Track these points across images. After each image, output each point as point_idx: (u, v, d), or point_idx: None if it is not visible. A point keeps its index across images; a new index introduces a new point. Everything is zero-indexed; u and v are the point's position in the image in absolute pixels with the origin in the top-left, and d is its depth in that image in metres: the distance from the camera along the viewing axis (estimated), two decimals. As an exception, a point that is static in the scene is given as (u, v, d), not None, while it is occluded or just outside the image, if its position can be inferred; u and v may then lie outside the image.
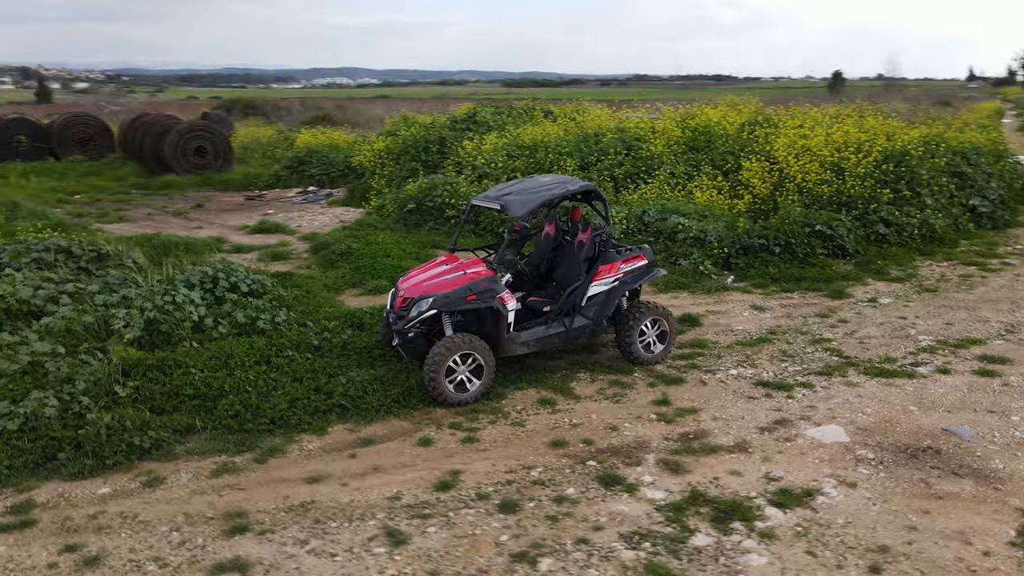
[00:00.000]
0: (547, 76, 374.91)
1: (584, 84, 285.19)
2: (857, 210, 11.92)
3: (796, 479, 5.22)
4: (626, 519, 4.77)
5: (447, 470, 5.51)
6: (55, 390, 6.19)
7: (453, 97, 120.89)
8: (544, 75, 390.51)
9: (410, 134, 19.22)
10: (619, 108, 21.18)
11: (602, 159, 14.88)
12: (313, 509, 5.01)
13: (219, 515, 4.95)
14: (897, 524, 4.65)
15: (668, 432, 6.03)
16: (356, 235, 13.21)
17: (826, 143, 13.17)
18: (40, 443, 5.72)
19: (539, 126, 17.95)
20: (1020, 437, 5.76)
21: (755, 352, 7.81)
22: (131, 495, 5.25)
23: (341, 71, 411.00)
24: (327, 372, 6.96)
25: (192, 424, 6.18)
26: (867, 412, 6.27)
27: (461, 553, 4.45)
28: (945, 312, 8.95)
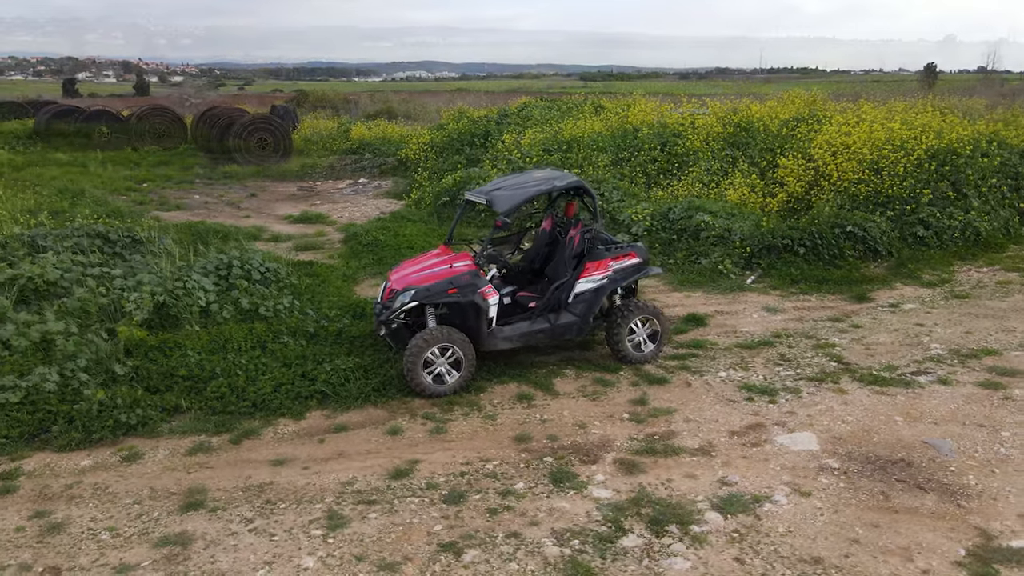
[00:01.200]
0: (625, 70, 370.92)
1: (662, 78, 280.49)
2: (895, 211, 11.40)
3: (749, 485, 5.10)
4: (563, 516, 4.78)
5: (407, 459, 5.63)
6: (59, 366, 6.61)
7: (528, 91, 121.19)
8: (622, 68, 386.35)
9: (456, 127, 19.43)
10: (664, 102, 20.76)
11: (636, 154, 14.69)
12: (268, 490, 5.21)
13: (181, 491, 5.21)
14: (840, 536, 4.50)
15: (635, 432, 5.97)
16: (387, 227, 13.49)
17: (867, 140, 12.64)
18: (37, 416, 6.13)
19: (581, 120, 17.85)
20: (1004, 454, 5.45)
21: (752, 355, 7.62)
22: (108, 469, 5.58)
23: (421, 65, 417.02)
24: (315, 359, 7.18)
25: (180, 404, 6.50)
26: (847, 421, 6.05)
27: (391, 540, 4.56)
28: (969, 320, 8.50)
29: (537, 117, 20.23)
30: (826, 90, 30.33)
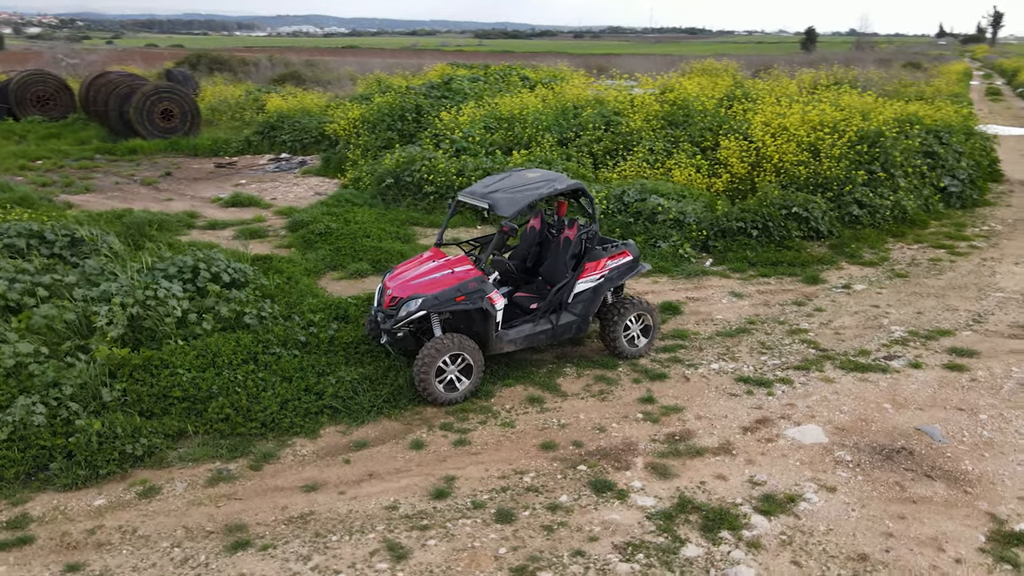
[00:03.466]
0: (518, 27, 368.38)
1: (557, 36, 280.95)
2: (832, 192, 12.11)
3: (779, 483, 5.44)
4: (619, 529, 4.95)
5: (442, 476, 5.63)
6: (41, 395, 6.14)
7: (424, 49, 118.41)
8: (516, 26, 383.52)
9: (385, 101, 18.91)
10: (596, 77, 20.97)
11: (581, 134, 14.82)
12: (312, 521, 5.10)
13: (219, 528, 5.03)
14: (875, 531, 4.89)
15: (654, 433, 6.20)
16: (334, 212, 13.08)
17: (802, 122, 13.28)
18: (31, 453, 5.71)
19: (517, 96, 17.75)
20: (987, 436, 6.04)
21: (735, 344, 8.00)
22: (127, 507, 5.29)
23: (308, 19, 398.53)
24: (316, 371, 6.98)
25: (183, 428, 6.20)
26: (844, 410, 6.51)
27: (461, 568, 4.59)
28: (916, 300, 9.23)
29: (467, 90, 19.93)
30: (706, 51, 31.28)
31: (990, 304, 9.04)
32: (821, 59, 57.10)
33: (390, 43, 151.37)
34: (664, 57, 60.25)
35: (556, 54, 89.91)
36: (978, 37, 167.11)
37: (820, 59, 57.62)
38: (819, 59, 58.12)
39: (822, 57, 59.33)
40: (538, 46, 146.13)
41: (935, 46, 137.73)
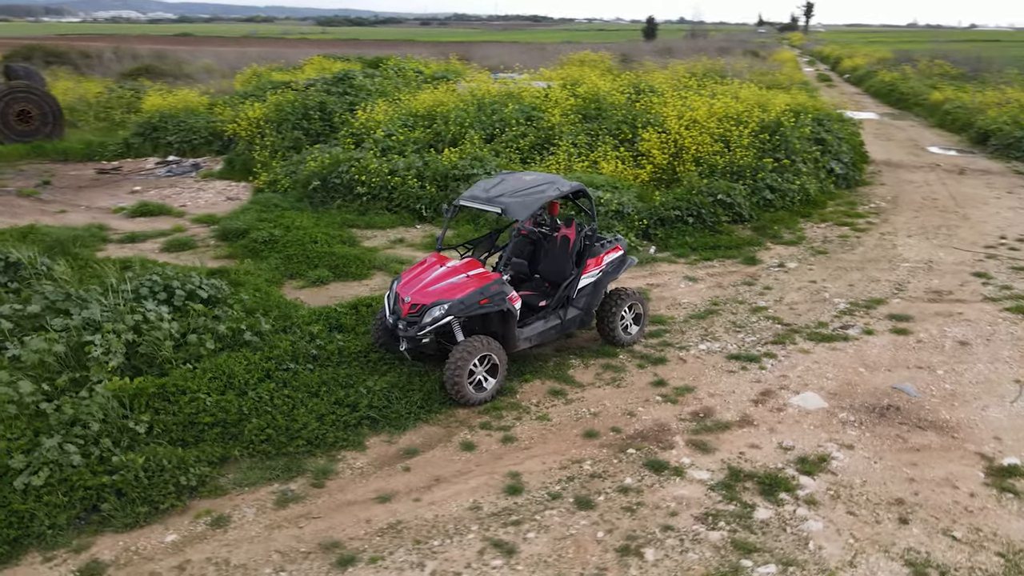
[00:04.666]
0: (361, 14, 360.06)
1: (403, 23, 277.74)
2: (746, 178, 13.25)
3: (805, 447, 6.17)
4: (691, 502, 5.46)
5: (505, 473, 5.90)
6: (62, 434, 5.79)
7: (264, 37, 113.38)
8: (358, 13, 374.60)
9: (287, 99, 18.32)
10: (489, 71, 21.34)
11: (504, 131, 15.18)
12: (404, 530, 5.23)
13: (314, 548, 5.05)
14: (899, 478, 5.72)
15: (679, 412, 6.77)
16: (267, 218, 12.69)
17: (710, 115, 14.37)
18: (77, 495, 5.40)
19: (429, 93, 17.78)
20: (950, 389, 7.11)
21: (710, 325, 8.75)
22: (205, 539, 5.17)
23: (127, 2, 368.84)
24: (338, 383, 6.97)
25: (226, 454, 6.06)
26: (829, 377, 7.39)
27: (572, 555, 4.92)
28: (843, 274, 10.43)
29: (368, 86, 19.66)
30: (553, 38, 32.65)
31: (903, 273, 10.39)
32: (665, 48, 60.68)
33: (227, 31, 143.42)
34: (519, 45, 61.61)
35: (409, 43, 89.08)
36: (792, 26, 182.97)
37: (664, 48, 61.21)
38: (663, 48, 61.75)
39: (666, 46, 62.94)
40: (386, 34, 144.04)
41: (756, 34, 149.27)
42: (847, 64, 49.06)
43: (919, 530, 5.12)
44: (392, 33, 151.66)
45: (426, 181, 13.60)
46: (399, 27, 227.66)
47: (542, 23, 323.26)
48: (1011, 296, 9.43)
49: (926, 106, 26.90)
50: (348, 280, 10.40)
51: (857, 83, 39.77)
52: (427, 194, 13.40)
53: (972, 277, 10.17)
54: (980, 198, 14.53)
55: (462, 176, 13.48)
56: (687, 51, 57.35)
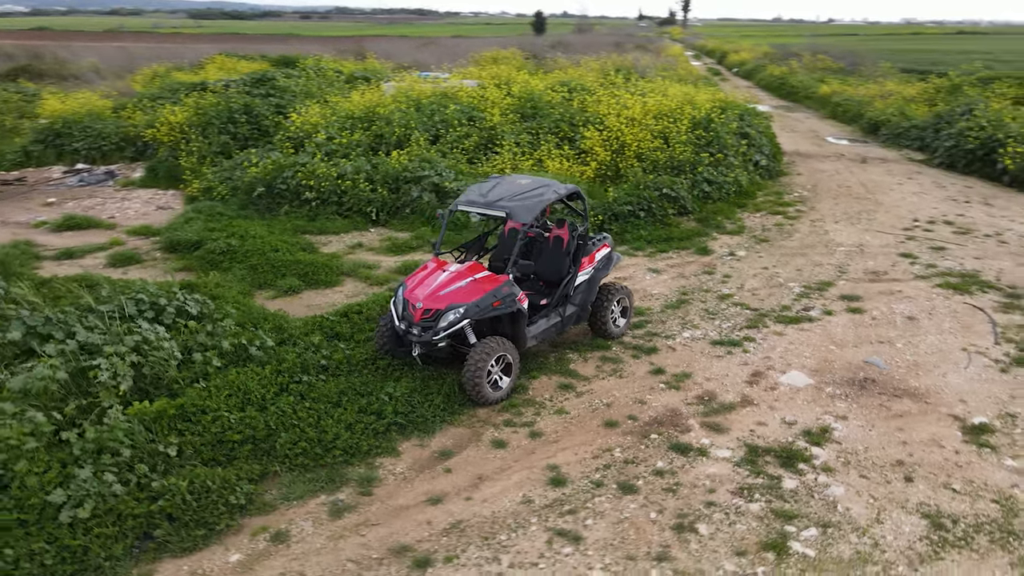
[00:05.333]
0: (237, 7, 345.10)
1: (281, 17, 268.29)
2: (686, 173, 14.00)
3: (805, 421, 6.79)
4: (723, 479, 5.94)
5: (544, 466, 6.18)
6: (93, 464, 5.62)
7: (132, 30, 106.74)
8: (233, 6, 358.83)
9: (209, 103, 17.68)
10: (417, 70, 21.32)
11: (448, 132, 15.31)
12: (467, 528, 5.43)
13: (386, 554, 5.17)
14: (894, 442, 6.42)
15: (684, 398, 7.26)
16: (217, 228, 12.34)
17: (645, 112, 15.06)
18: (126, 524, 5.28)
19: (361, 95, 17.61)
20: (912, 360, 7.95)
21: (685, 314, 9.32)
22: (271, 555, 5.19)
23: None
24: (357, 392, 7.02)
25: (265, 470, 6.04)
26: (807, 356, 8.09)
27: (634, 536, 5.28)
28: (789, 259, 11.29)
29: (293, 88, 19.23)
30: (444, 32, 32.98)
31: (840, 257, 11.37)
32: (559, 42, 61.89)
33: (89, 24, 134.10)
34: (413, 40, 61.21)
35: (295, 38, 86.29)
36: (671, 20, 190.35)
37: (558, 42, 62.40)
38: (557, 42, 62.92)
39: (560, 40, 64.20)
40: (266, 28, 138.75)
41: (638, 28, 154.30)
42: (734, 59, 51.83)
43: (924, 486, 5.80)
44: (273, 27, 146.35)
45: (376, 184, 13.58)
46: (278, 21, 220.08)
47: (428, 17, 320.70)
48: (937, 274, 10.53)
49: (815, 99, 28.95)
50: (320, 288, 10.33)
51: (747, 77, 42.12)
52: (379, 197, 13.38)
53: (900, 258, 11.27)
54: (886, 185, 15.96)
55: (413, 178, 13.54)
56: (582, 46, 58.62)
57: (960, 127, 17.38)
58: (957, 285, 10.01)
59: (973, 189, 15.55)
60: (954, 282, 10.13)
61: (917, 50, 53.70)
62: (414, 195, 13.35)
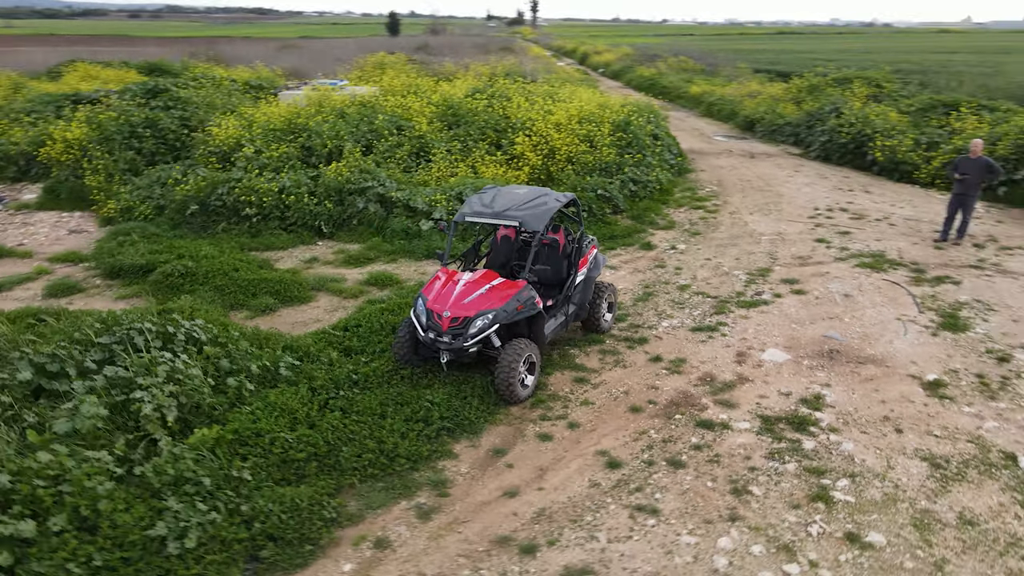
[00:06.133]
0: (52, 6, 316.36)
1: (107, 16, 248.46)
2: (613, 174, 14.98)
3: (798, 390, 7.78)
4: (753, 446, 6.77)
5: (593, 453, 6.76)
6: (176, 496, 5.61)
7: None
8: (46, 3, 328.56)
9: (108, 118, 16.71)
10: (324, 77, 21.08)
11: (380, 142, 15.42)
12: (554, 515, 5.91)
13: (490, 545, 5.56)
14: (875, 401, 7.53)
15: (689, 380, 8.07)
16: (160, 250, 11.91)
17: (570, 118, 15.91)
18: (233, 549, 5.35)
19: (276, 106, 17.26)
20: (862, 331, 9.21)
21: (656, 305, 10.18)
22: (382, 561, 5.44)
23: None
24: (397, 402, 7.28)
25: (340, 484, 6.22)
26: (775, 335, 9.16)
27: (703, 503, 5.99)
28: (724, 250, 12.48)
29: (194, 99, 18.45)
30: (290, 32, 33.04)
31: (767, 245, 12.71)
32: (421, 44, 62.09)
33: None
34: (267, 42, 59.23)
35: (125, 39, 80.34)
36: (520, 20, 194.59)
37: (422, 45, 62.62)
38: (421, 45, 63.13)
39: (423, 43, 64.40)
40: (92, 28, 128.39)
41: (488, 28, 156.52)
42: (597, 60, 54.27)
43: (913, 435, 6.92)
44: (100, 27, 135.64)
45: (319, 197, 13.53)
46: (103, 19, 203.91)
47: (269, 16, 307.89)
48: (852, 255, 12.07)
49: (688, 98, 31.17)
50: (295, 305, 10.34)
51: (614, 78, 44.35)
52: (324, 210, 13.35)
53: (816, 243, 12.77)
54: (779, 178, 17.76)
55: (357, 190, 13.62)
56: (447, 48, 59.16)
57: (832, 124, 19.59)
58: (871, 264, 11.56)
59: (850, 179, 17.67)
60: (868, 262, 11.68)
61: (758, 50, 58.56)
62: (360, 206, 13.44)
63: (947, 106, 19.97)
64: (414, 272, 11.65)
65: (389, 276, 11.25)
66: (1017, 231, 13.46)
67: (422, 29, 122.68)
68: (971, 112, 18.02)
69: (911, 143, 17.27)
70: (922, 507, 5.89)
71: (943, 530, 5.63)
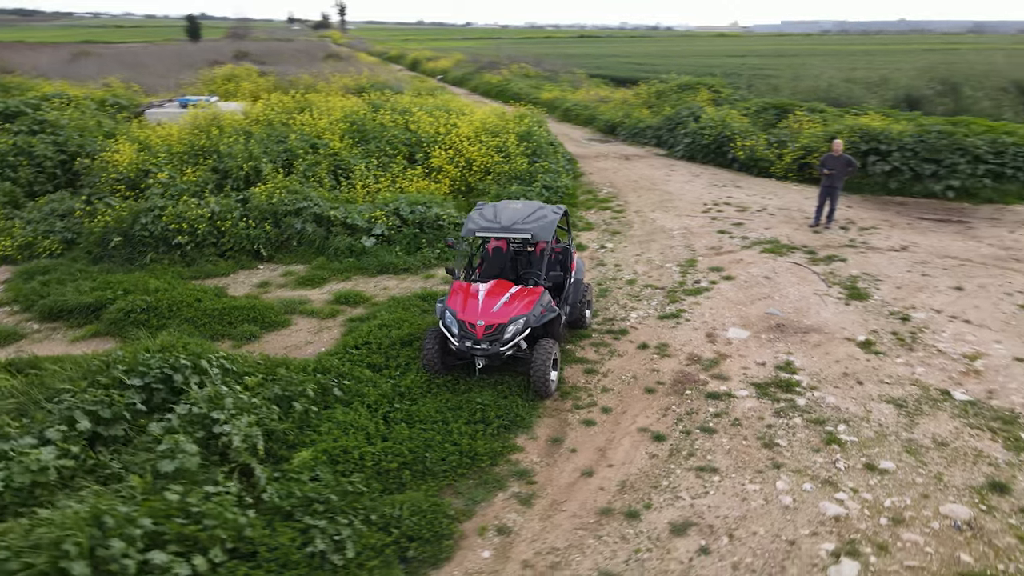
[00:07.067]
0: None
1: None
2: (527, 182, 16.04)
3: (770, 359, 9.27)
4: (759, 409, 8.11)
5: (635, 430, 7.78)
6: (311, 516, 5.95)
7: None
8: None
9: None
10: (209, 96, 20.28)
11: (295, 160, 15.36)
12: (633, 484, 6.86)
13: (598, 516, 6.40)
14: (830, 362, 9.18)
15: (681, 361, 9.31)
16: (99, 286, 11.35)
17: (477, 131, 16.77)
18: (387, 553, 5.79)
19: (166, 128, 16.49)
20: (793, 306, 10.97)
21: (617, 300, 11.38)
22: (512, 544, 6.10)
23: None
24: (449, 408, 7.87)
25: (440, 485, 6.77)
26: (728, 316, 10.67)
27: (748, 458, 7.20)
28: (648, 246, 13.97)
29: (63, 123, 17.10)
30: (63, 36, 31.92)
31: (680, 239, 14.37)
32: (244, 52, 59.58)
33: None
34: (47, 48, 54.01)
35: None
36: (325, 23, 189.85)
37: (243, 52, 60.03)
38: (241, 52, 60.50)
39: (243, 50, 61.70)
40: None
41: (293, 32, 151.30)
42: (431, 66, 55.10)
43: (871, 385, 8.61)
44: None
45: (254, 220, 13.38)
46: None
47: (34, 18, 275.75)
48: (755, 243, 14.02)
49: (541, 103, 32.92)
50: (276, 330, 10.43)
51: (458, 84, 45.45)
52: (262, 233, 13.24)
53: (720, 234, 14.63)
54: (660, 178, 19.74)
55: (292, 211, 13.61)
56: (270, 55, 57.23)
57: (693, 127, 22.00)
58: (773, 250, 13.55)
59: (718, 175, 20.05)
60: (769, 248, 13.66)
61: (581, 55, 62.23)
62: (297, 227, 13.47)
63: (776, 108, 23.08)
64: (375, 288, 12.00)
65: (357, 294, 11.54)
66: (865, 213, 16.21)
67: (222, 33, 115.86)
68: (804, 113, 21.08)
69: (765, 143, 19.93)
70: (905, 437, 7.51)
71: (928, 452, 7.26)
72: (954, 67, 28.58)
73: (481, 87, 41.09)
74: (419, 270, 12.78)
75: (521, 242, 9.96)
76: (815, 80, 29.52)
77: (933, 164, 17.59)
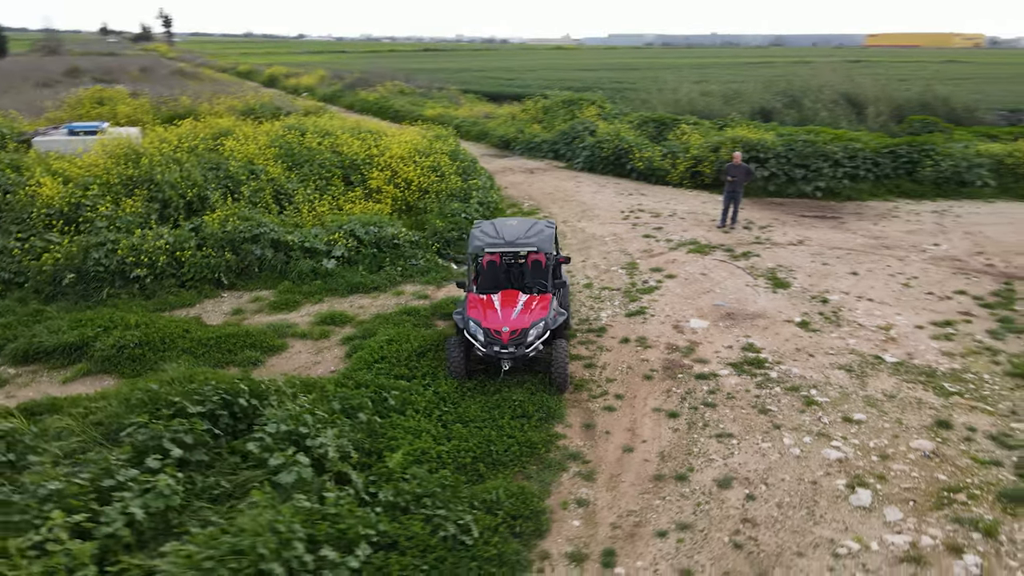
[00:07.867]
0: None
1: None
2: (464, 199, 16.96)
3: (734, 342, 10.85)
4: (747, 384, 9.57)
5: (651, 410, 9.01)
6: (426, 509, 6.67)
7: None
8: None
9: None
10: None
11: (238, 187, 15.35)
12: (668, 455, 8.07)
13: (653, 482, 7.55)
14: (781, 340, 10.89)
15: (663, 350, 10.67)
16: (66, 328, 11.04)
17: (407, 153, 17.48)
18: (500, 530, 6.62)
19: (89, 157, 15.82)
20: (735, 296, 12.69)
21: (585, 301, 12.62)
22: (594, 512, 7.11)
23: None
24: (490, 407, 8.74)
25: (513, 472, 7.65)
26: (685, 309, 12.20)
27: (752, 424, 8.61)
28: (588, 252, 15.34)
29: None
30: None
31: (613, 244, 15.86)
32: (75, 68, 55.47)
33: None
34: None
35: None
36: (147, 35, 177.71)
37: (73, 68, 55.87)
38: (71, 68, 56.28)
39: (73, 66, 57.33)
40: None
41: (108, 44, 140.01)
42: (293, 83, 54.07)
43: (820, 356, 10.38)
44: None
45: (212, 249, 13.39)
46: None
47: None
48: (679, 244, 15.77)
49: (427, 121, 33.71)
50: (277, 354, 10.77)
51: (331, 102, 45.01)
52: (223, 261, 13.29)
53: (646, 238, 16.28)
54: (571, 189, 21.27)
55: (249, 238, 13.72)
56: (105, 72, 53.90)
57: (590, 141, 23.76)
58: (697, 249, 15.35)
59: (621, 185, 21.90)
60: (693, 248, 15.46)
61: (441, 69, 63.34)
62: (257, 253, 13.62)
63: (656, 122, 25.44)
64: (351, 307, 12.49)
65: (340, 314, 11.99)
66: (758, 213, 18.54)
67: (29, 46, 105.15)
68: (688, 127, 23.47)
69: (660, 154, 22.03)
70: (863, 394, 9.26)
71: (883, 403, 9.03)
72: (793, 82, 32.54)
73: (358, 105, 41.13)
74: (387, 287, 13.36)
75: (513, 255, 10.94)
76: (674, 93, 32.48)
77: (803, 168, 20.36)
